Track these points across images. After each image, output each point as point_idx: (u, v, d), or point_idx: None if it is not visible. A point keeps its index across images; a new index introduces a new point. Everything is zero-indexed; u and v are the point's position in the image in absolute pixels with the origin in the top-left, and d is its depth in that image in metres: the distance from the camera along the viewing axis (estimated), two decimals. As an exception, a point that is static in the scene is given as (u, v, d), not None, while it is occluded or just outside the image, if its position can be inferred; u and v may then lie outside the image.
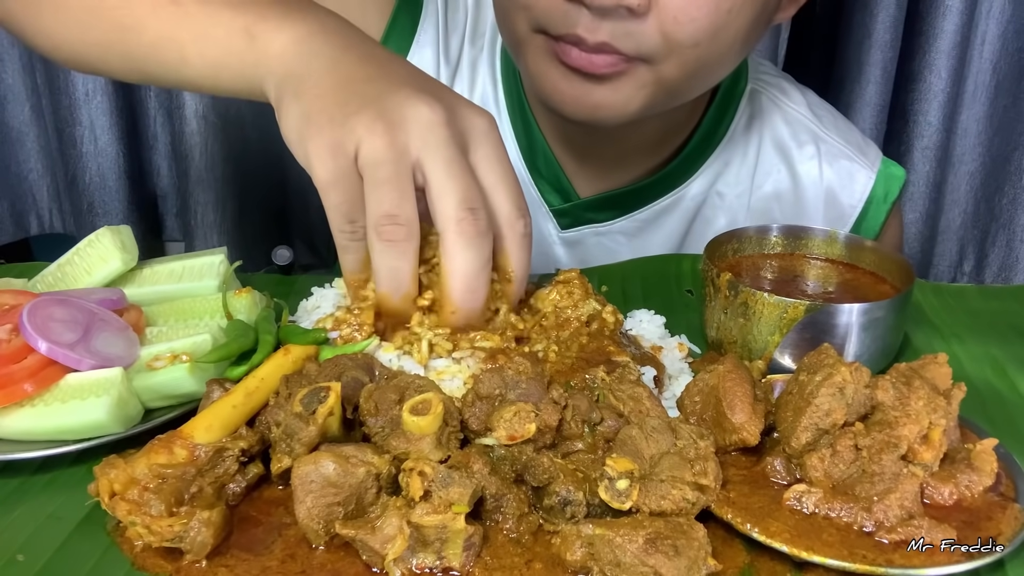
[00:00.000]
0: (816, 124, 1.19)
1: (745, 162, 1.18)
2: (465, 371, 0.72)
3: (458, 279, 0.68)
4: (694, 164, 1.17)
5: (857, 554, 0.56)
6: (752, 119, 1.18)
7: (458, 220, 0.67)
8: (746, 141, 1.18)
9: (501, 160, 0.71)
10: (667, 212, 1.18)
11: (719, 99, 1.15)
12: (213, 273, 0.82)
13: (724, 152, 1.17)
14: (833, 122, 1.21)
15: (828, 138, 1.18)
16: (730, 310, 0.79)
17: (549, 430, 0.62)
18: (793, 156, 1.18)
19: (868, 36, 1.60)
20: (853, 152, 1.18)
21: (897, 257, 0.85)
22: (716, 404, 0.66)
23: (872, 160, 1.18)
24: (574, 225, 1.18)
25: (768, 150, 1.18)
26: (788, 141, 1.18)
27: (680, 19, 0.88)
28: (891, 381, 0.64)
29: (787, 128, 1.18)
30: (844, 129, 1.21)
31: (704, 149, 1.16)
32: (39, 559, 0.58)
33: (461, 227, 0.67)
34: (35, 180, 1.78)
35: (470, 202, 0.67)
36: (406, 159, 0.66)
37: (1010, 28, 1.63)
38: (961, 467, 0.62)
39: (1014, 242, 1.75)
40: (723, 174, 1.18)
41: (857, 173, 1.17)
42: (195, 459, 0.60)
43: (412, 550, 0.56)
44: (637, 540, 0.54)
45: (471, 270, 0.68)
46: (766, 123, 1.18)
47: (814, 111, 1.20)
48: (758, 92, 1.19)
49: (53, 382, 0.67)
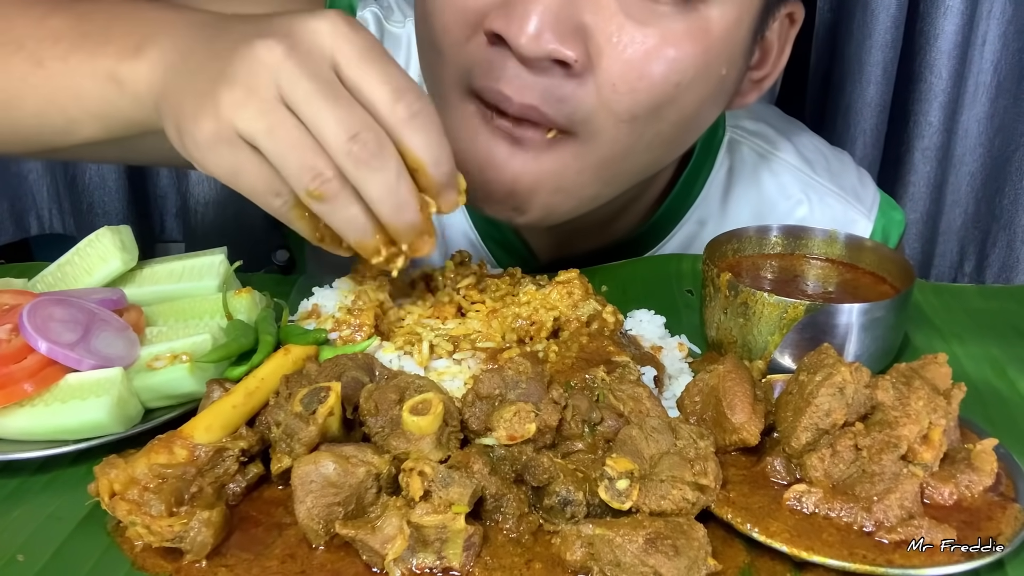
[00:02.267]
0: (807, 171, 1.10)
1: (724, 221, 1.07)
2: (465, 372, 0.72)
3: (381, 206, 0.64)
4: (664, 228, 1.07)
5: (857, 554, 0.56)
6: (732, 173, 1.08)
7: (347, 153, 0.61)
8: (724, 198, 1.08)
9: (359, 52, 0.63)
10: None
11: (696, 155, 1.05)
12: (213, 273, 0.82)
13: (698, 211, 1.08)
14: (826, 166, 1.12)
15: (820, 185, 1.09)
16: (730, 310, 0.79)
17: (549, 430, 0.62)
18: (779, 210, 1.08)
19: (868, 36, 1.60)
20: (849, 198, 1.10)
21: (897, 257, 0.85)
22: (716, 404, 0.66)
23: (869, 206, 1.10)
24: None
25: (750, 206, 1.09)
26: (774, 195, 1.09)
27: (619, 87, 0.77)
28: (891, 381, 0.64)
29: (772, 180, 1.09)
30: (838, 172, 1.12)
31: (676, 211, 1.07)
32: (39, 559, 0.58)
33: (353, 159, 0.61)
34: (35, 180, 1.77)
35: (348, 127, 0.61)
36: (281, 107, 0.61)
37: (1011, 28, 1.62)
38: (961, 467, 0.62)
39: (1015, 243, 1.75)
40: (698, 235, 1.07)
41: (853, 222, 1.08)
42: (195, 459, 0.60)
43: (412, 550, 0.56)
44: (637, 540, 0.54)
45: (386, 191, 0.63)
46: (747, 177, 1.09)
47: (804, 156, 1.11)
48: (737, 143, 1.09)
49: (53, 382, 0.67)
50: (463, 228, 1.09)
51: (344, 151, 0.61)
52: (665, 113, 0.81)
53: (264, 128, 0.61)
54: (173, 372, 0.69)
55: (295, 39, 0.62)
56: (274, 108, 0.61)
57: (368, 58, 0.63)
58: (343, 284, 0.84)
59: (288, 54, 0.61)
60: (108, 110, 0.74)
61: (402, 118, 0.63)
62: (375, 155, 0.62)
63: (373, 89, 0.63)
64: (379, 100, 0.63)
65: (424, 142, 0.64)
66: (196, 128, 0.63)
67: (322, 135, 0.61)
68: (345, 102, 0.62)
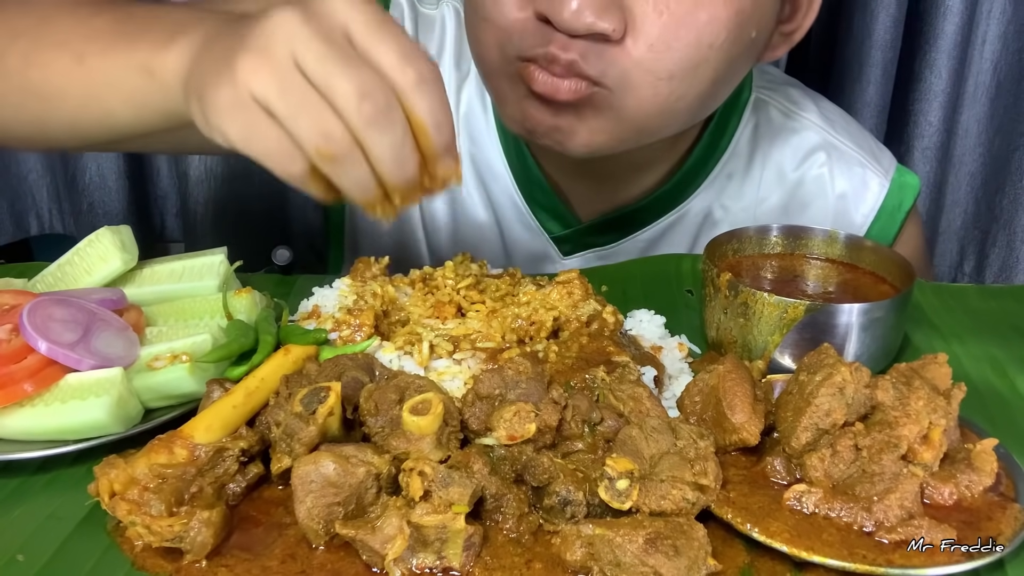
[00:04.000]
0: (828, 130, 1.15)
1: (750, 175, 1.14)
2: (466, 372, 0.72)
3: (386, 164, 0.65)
4: (696, 179, 1.13)
5: (857, 554, 0.56)
6: (757, 129, 1.14)
7: (357, 111, 0.63)
8: (751, 153, 1.14)
9: (372, 20, 0.65)
10: (671, 230, 1.15)
11: (721, 110, 1.10)
12: (213, 273, 0.82)
13: (727, 165, 1.13)
14: (846, 127, 1.17)
15: (840, 144, 1.14)
16: (730, 310, 0.79)
17: (549, 430, 0.62)
18: (802, 165, 1.14)
19: (868, 36, 1.60)
20: (867, 158, 1.14)
21: (897, 257, 0.85)
22: (716, 404, 0.66)
23: (887, 167, 1.14)
24: (575, 251, 1.15)
25: (775, 161, 1.14)
26: (797, 150, 1.14)
27: (657, 47, 0.84)
28: (891, 381, 0.64)
29: (795, 137, 1.15)
30: (857, 134, 1.17)
31: (706, 163, 1.13)
32: (39, 559, 0.58)
33: (364, 117, 0.63)
34: (35, 180, 1.77)
35: (358, 87, 0.62)
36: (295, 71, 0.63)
37: (1011, 28, 1.62)
38: (961, 467, 0.62)
39: (1015, 243, 1.75)
40: (727, 188, 1.14)
41: (870, 180, 1.13)
42: (195, 459, 0.60)
43: (412, 550, 0.56)
44: (637, 540, 0.54)
45: (392, 150, 0.65)
46: (772, 133, 1.15)
47: (825, 116, 1.16)
48: (763, 102, 1.15)
49: (53, 382, 0.67)
50: (509, 192, 1.14)
51: (355, 109, 0.63)
52: (700, 72, 0.87)
53: (276, 90, 0.63)
54: (173, 372, 0.69)
55: (311, 10, 0.65)
56: (287, 71, 0.63)
57: (380, 26, 0.65)
58: (343, 284, 0.84)
59: (303, 21, 0.64)
60: (142, 100, 0.77)
61: (411, 81, 0.65)
62: (384, 114, 0.64)
63: (383, 54, 0.65)
64: (389, 64, 0.65)
65: (430, 106, 0.66)
66: (216, 96, 0.65)
67: (333, 95, 0.63)
68: (356, 63, 0.64)
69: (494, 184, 1.13)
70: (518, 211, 1.14)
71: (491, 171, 1.13)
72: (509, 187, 1.13)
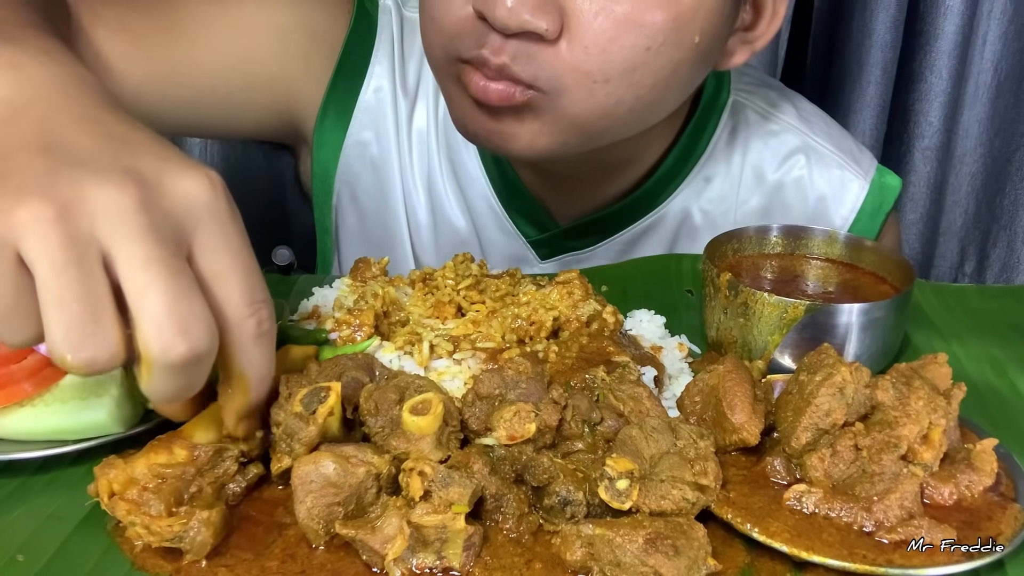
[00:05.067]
0: (806, 132, 1.14)
1: (728, 177, 1.13)
2: (466, 372, 0.72)
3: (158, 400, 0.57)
4: (672, 182, 1.12)
5: (857, 554, 0.56)
6: (735, 132, 1.13)
7: (164, 349, 0.51)
8: (729, 155, 1.13)
9: (227, 239, 0.55)
10: (648, 234, 1.14)
11: (699, 112, 1.10)
12: (213, 273, 0.82)
13: (705, 168, 1.12)
14: (825, 129, 1.16)
15: (819, 146, 1.13)
16: (730, 310, 0.79)
17: (549, 430, 0.62)
18: (781, 167, 1.13)
19: (868, 36, 1.60)
20: (846, 160, 1.13)
21: (897, 257, 0.85)
22: (716, 404, 0.66)
23: (866, 168, 1.14)
24: (553, 254, 1.14)
25: (753, 164, 1.13)
26: (776, 152, 1.13)
27: (591, 50, 0.82)
28: (891, 381, 0.64)
29: (774, 139, 1.13)
30: (836, 136, 1.16)
31: (683, 165, 1.11)
32: (39, 559, 0.58)
33: (168, 356, 0.51)
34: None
35: (179, 316, 0.51)
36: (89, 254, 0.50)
37: (1011, 28, 1.63)
38: (961, 467, 0.62)
39: (1015, 243, 1.75)
40: (705, 191, 1.13)
41: (850, 182, 1.12)
42: (195, 459, 0.60)
43: (412, 550, 0.56)
44: (637, 540, 0.54)
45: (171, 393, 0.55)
46: (751, 136, 1.13)
47: (804, 118, 1.15)
48: (741, 104, 1.14)
49: (53, 382, 0.67)
50: (485, 195, 1.13)
51: (161, 346, 0.51)
52: (638, 76, 0.85)
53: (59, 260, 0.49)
54: (173, 372, 0.69)
55: (160, 191, 0.53)
56: (82, 249, 0.50)
57: (234, 248, 0.56)
58: (343, 284, 0.84)
59: (142, 207, 0.51)
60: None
61: (251, 332, 0.57)
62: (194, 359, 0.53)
63: (229, 283, 0.56)
64: (233, 304, 0.56)
65: (259, 363, 0.59)
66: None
67: (142, 313, 0.51)
68: (188, 287, 0.52)
69: (470, 188, 1.13)
70: (495, 215, 1.13)
71: (467, 175, 1.12)
72: (485, 191, 1.12)
